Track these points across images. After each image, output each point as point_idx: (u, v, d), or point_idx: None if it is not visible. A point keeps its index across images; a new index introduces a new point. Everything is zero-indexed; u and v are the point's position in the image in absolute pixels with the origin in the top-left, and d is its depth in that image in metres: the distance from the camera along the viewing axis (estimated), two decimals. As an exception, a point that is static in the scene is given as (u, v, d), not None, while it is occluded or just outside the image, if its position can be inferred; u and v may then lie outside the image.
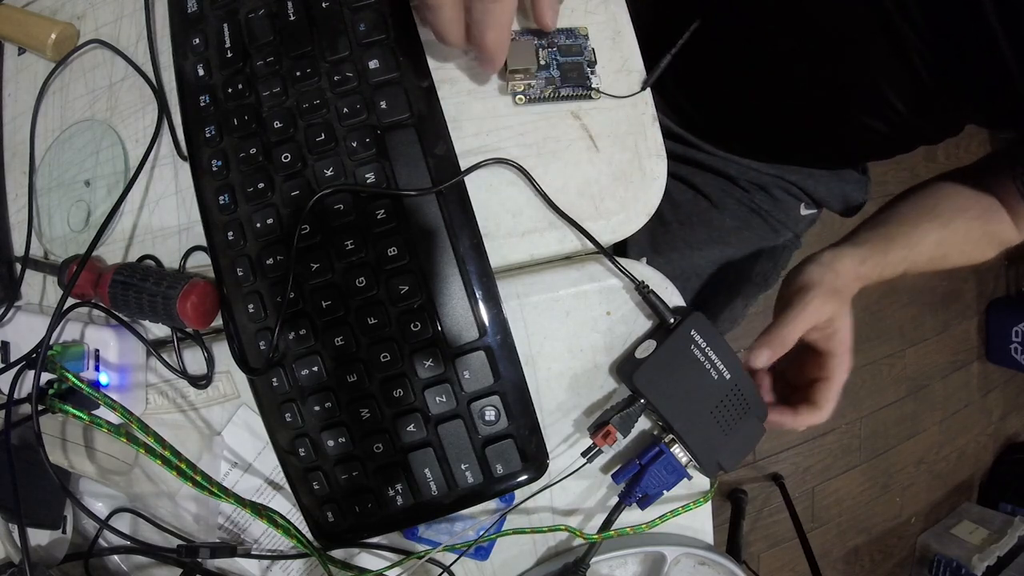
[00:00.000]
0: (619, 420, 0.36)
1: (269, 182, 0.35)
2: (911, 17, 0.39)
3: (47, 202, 0.44)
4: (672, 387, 0.36)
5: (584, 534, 0.38)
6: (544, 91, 0.37)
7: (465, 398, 0.35)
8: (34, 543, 0.39)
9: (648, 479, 0.37)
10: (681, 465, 0.37)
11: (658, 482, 0.37)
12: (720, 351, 0.37)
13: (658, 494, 0.38)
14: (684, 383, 0.36)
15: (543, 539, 0.41)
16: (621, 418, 0.36)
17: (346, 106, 0.34)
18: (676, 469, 0.37)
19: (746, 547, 1.34)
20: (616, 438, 0.36)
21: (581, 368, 0.39)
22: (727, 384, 0.37)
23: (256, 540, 0.43)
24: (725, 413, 0.37)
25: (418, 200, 0.34)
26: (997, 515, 1.58)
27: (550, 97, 0.37)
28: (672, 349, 0.36)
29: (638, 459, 0.37)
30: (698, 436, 0.36)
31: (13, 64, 0.46)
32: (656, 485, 0.37)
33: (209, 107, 0.36)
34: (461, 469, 0.35)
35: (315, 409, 0.35)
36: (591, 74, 0.37)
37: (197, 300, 0.36)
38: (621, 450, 0.41)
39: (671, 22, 0.54)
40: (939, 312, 1.59)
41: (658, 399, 0.35)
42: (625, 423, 0.36)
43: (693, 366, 0.36)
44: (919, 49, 0.40)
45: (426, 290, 0.34)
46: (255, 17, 0.35)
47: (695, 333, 0.36)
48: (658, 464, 0.37)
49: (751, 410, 0.38)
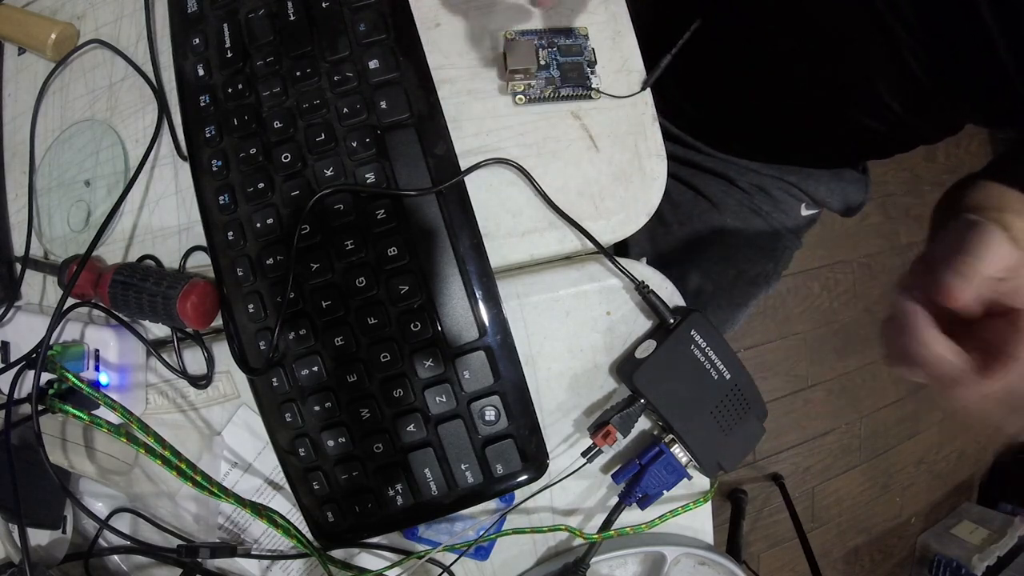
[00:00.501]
0: (619, 420, 0.36)
1: (269, 182, 0.35)
2: (903, 17, 0.38)
3: (47, 202, 0.44)
4: (672, 387, 0.36)
5: (584, 534, 0.38)
6: (544, 91, 0.37)
7: (465, 398, 0.35)
8: (34, 543, 0.39)
9: (648, 479, 0.37)
10: (681, 465, 0.37)
11: (658, 482, 0.37)
12: (720, 351, 0.36)
13: (658, 494, 0.38)
14: (684, 383, 0.36)
15: (543, 539, 0.41)
16: (621, 418, 0.36)
17: (346, 106, 0.34)
18: (676, 469, 0.37)
19: (746, 547, 1.34)
20: (616, 438, 0.36)
21: (581, 368, 0.39)
22: (727, 384, 0.37)
23: (256, 540, 0.43)
24: (725, 413, 0.37)
25: (418, 200, 0.34)
26: (997, 515, 1.57)
27: (550, 97, 0.37)
28: (672, 349, 0.36)
29: (638, 459, 0.37)
30: (698, 436, 0.36)
31: (13, 64, 0.46)
32: (656, 485, 0.37)
33: (209, 107, 0.36)
34: (461, 469, 0.35)
35: (315, 409, 0.35)
36: (591, 74, 0.37)
37: (197, 300, 0.36)
38: (621, 450, 0.41)
39: (671, 22, 0.54)
40: (939, 312, 1.59)
41: (658, 399, 0.35)
42: (625, 423, 0.36)
43: (693, 366, 0.36)
44: (913, 48, 0.40)
45: (426, 290, 0.34)
46: (255, 17, 0.35)
47: (695, 333, 0.36)
48: (658, 464, 0.37)
49: (751, 410, 0.38)
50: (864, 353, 1.50)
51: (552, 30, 0.38)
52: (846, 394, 1.50)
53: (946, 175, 1.59)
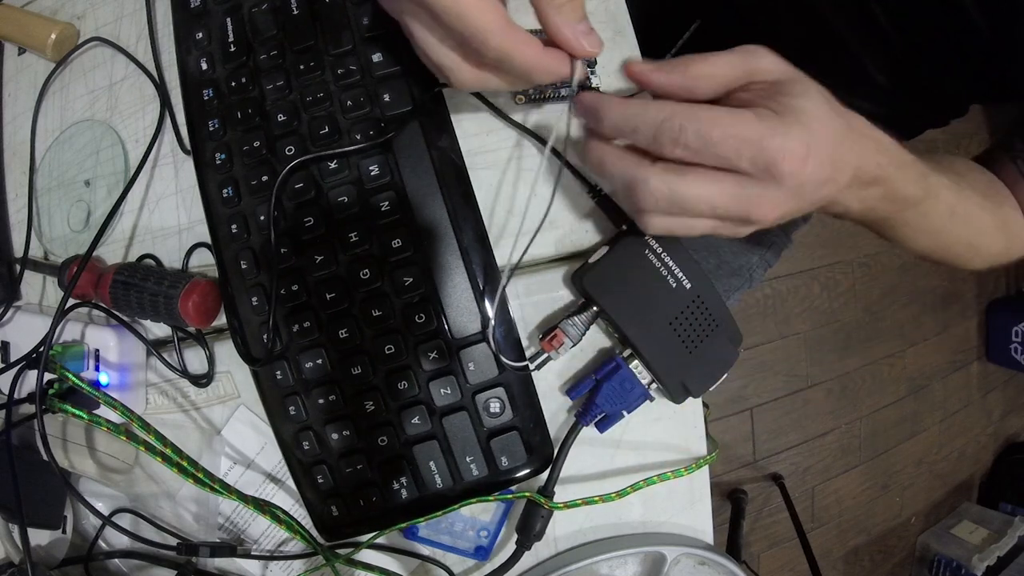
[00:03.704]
0: (568, 324, 0.34)
1: (273, 175, 0.35)
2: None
3: (47, 202, 0.44)
4: (626, 293, 0.33)
5: (549, 503, 0.36)
6: (544, 91, 0.37)
7: (470, 390, 0.35)
8: (34, 543, 0.39)
9: (604, 396, 0.35)
10: (641, 384, 0.35)
11: (615, 400, 0.35)
12: (679, 259, 0.34)
13: (617, 415, 0.36)
14: (639, 290, 0.33)
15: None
16: (571, 323, 0.34)
17: (350, 99, 0.34)
18: (635, 387, 0.35)
19: (746, 547, 1.34)
20: (563, 342, 0.34)
21: (581, 368, 0.39)
22: (687, 295, 0.34)
23: (256, 541, 0.42)
24: (688, 328, 0.34)
25: (422, 192, 0.34)
26: (997, 515, 1.57)
27: (550, 97, 0.37)
28: (625, 253, 0.34)
29: (594, 374, 0.36)
30: (657, 350, 0.34)
31: (13, 64, 0.46)
32: (614, 403, 0.35)
33: (213, 101, 0.36)
34: (466, 461, 0.35)
35: (319, 402, 0.35)
36: (591, 75, 0.37)
37: (199, 299, 0.36)
38: (580, 369, 0.39)
39: (671, 22, 0.54)
40: (939, 312, 1.60)
41: (610, 304, 0.33)
42: (575, 329, 0.34)
43: (649, 272, 0.34)
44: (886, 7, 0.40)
45: (430, 282, 0.34)
46: (258, 11, 0.35)
47: (650, 238, 0.34)
48: (615, 379, 0.35)
49: (719, 329, 0.35)
50: (864, 353, 1.50)
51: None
52: (846, 394, 1.50)
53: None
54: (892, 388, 1.55)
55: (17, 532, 0.35)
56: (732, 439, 1.41)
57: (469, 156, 0.36)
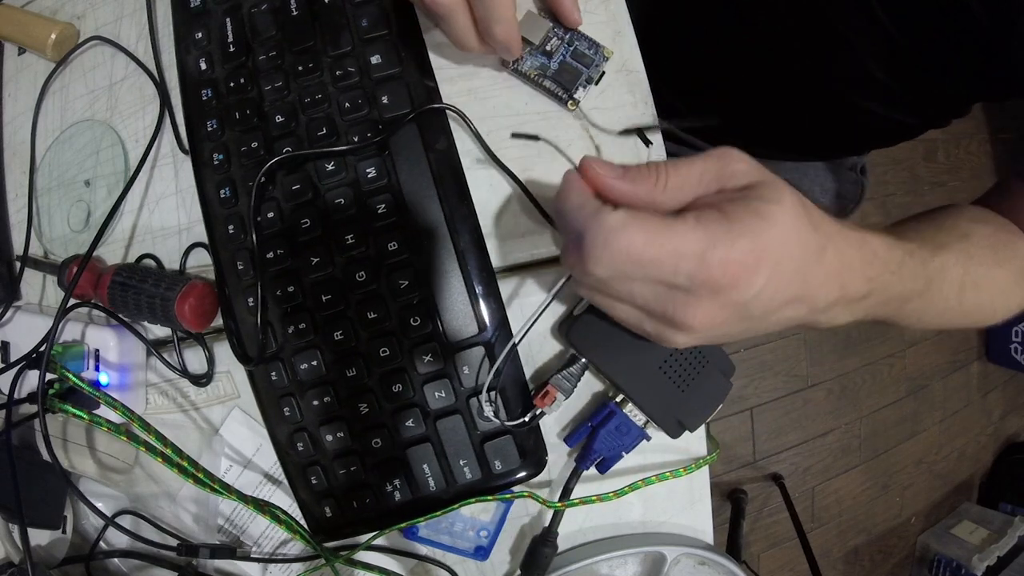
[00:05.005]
0: (559, 380, 0.35)
1: (271, 176, 0.35)
2: None
3: (47, 202, 0.44)
4: (612, 343, 0.34)
5: (547, 502, 0.37)
6: (530, 71, 0.36)
7: (464, 394, 0.35)
8: (34, 543, 0.39)
9: (601, 441, 0.36)
10: (637, 425, 0.36)
11: (613, 444, 0.36)
12: None
13: (616, 456, 0.37)
14: (625, 338, 0.33)
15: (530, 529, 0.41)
16: (562, 377, 0.35)
17: (348, 101, 0.34)
18: (631, 429, 0.36)
19: (746, 547, 1.34)
20: (555, 398, 0.35)
21: (577, 411, 0.39)
22: None
23: (255, 542, 0.42)
24: (678, 368, 0.35)
25: (419, 195, 0.34)
26: (997, 515, 1.57)
27: (533, 79, 0.36)
28: None
29: (590, 421, 0.37)
30: (649, 394, 0.35)
31: (13, 64, 0.46)
32: (611, 447, 0.36)
33: (211, 101, 0.36)
34: (460, 465, 0.35)
35: (314, 403, 0.35)
36: (582, 87, 0.37)
37: (195, 302, 0.36)
38: (575, 416, 0.39)
39: (671, 22, 0.54)
40: (938, 312, 1.59)
41: (597, 356, 0.34)
42: (566, 383, 0.35)
43: None
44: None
45: (426, 285, 0.34)
46: (258, 12, 0.35)
47: None
48: (610, 425, 0.36)
49: (710, 364, 0.36)
50: (864, 353, 1.50)
51: (581, 33, 0.37)
52: (846, 394, 1.50)
53: (946, 175, 1.59)
54: (892, 388, 1.54)
55: (17, 532, 0.35)
56: (732, 439, 1.41)
57: (468, 156, 0.36)
